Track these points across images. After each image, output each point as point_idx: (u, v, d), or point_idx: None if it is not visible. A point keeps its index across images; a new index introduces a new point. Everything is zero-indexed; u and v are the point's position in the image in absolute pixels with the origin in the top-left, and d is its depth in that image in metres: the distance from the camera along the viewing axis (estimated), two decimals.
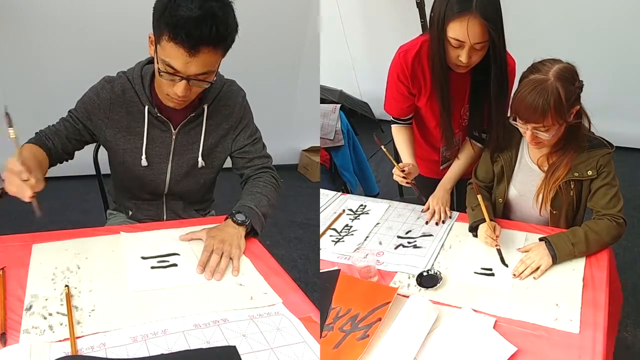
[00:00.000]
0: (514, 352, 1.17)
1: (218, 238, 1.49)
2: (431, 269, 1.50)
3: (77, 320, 1.18)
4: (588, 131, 1.61)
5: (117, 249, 1.50)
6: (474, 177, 1.86)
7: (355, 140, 3.20)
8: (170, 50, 1.38)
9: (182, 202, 1.85)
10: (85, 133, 1.66)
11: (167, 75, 1.44)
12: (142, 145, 1.66)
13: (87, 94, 1.64)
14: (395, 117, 1.93)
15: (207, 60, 1.41)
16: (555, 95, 1.44)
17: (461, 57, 1.56)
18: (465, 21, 1.48)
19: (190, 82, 1.45)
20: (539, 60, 1.52)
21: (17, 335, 1.13)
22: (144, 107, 1.62)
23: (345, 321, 1.29)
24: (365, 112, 4.51)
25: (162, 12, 1.37)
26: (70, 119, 1.65)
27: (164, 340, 1.13)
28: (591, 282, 1.42)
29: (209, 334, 1.16)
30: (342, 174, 3.12)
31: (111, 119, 1.63)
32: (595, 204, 1.61)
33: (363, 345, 1.20)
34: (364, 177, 3.26)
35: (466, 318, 1.28)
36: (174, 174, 1.74)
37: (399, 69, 1.75)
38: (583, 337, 1.22)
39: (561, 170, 1.61)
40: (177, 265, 1.43)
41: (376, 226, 1.79)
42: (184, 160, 1.72)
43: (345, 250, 1.65)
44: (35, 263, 1.40)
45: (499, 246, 1.56)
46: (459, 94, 1.78)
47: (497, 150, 1.76)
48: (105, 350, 1.10)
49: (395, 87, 1.81)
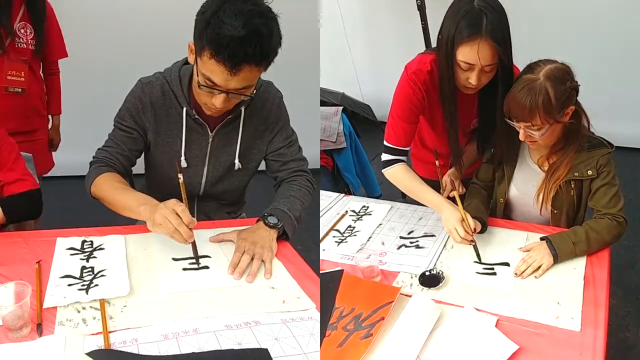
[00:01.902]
0: (515, 350, 1.18)
1: (249, 240, 1.48)
2: (433, 268, 1.51)
3: (109, 315, 1.21)
4: (588, 131, 1.62)
5: (149, 248, 1.51)
6: (475, 177, 1.87)
7: (357, 142, 3.22)
8: (211, 66, 1.37)
9: (215, 204, 1.83)
10: (141, 140, 1.66)
11: (206, 89, 1.43)
12: (181, 147, 1.66)
13: (128, 100, 1.63)
14: (395, 149, 1.77)
15: (248, 76, 1.40)
16: (543, 94, 1.45)
17: (471, 80, 1.56)
18: (475, 45, 1.48)
19: (230, 95, 1.45)
20: (536, 61, 1.53)
21: (52, 326, 1.16)
22: (182, 109, 1.62)
23: (348, 320, 1.30)
24: (367, 115, 4.52)
25: (204, 27, 1.35)
26: (123, 132, 1.63)
27: (195, 339, 1.14)
28: (592, 280, 1.43)
29: (240, 335, 1.16)
30: (345, 176, 3.13)
31: (153, 121, 1.63)
32: (596, 203, 1.62)
33: (366, 344, 1.21)
34: (366, 179, 3.27)
35: (468, 317, 1.29)
36: (209, 176, 1.73)
37: (411, 91, 1.68)
38: (584, 335, 1.23)
39: (561, 170, 1.62)
40: (209, 268, 1.44)
41: (379, 227, 1.81)
42: (220, 162, 1.72)
43: (349, 251, 1.66)
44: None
45: (475, 242, 1.57)
46: (467, 110, 1.77)
47: (503, 160, 1.76)
48: (137, 345, 1.12)
49: (408, 114, 1.72)
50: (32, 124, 2.43)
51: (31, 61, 2.32)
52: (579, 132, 1.59)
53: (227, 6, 1.34)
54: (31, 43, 2.30)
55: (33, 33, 2.29)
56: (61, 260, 1.42)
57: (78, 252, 1.48)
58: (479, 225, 1.63)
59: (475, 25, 1.48)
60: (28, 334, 1.14)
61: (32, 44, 2.30)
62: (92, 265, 1.41)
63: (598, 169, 1.60)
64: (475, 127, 1.86)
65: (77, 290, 1.29)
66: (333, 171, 3.13)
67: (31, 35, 2.29)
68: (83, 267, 1.39)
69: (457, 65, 1.55)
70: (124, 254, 1.47)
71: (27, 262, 1.40)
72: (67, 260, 1.43)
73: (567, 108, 1.52)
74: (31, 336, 1.14)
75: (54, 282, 1.32)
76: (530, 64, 1.54)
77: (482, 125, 1.81)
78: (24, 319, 1.14)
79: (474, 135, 1.89)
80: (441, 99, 1.69)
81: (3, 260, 1.41)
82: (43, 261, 1.40)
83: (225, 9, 1.34)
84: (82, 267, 1.39)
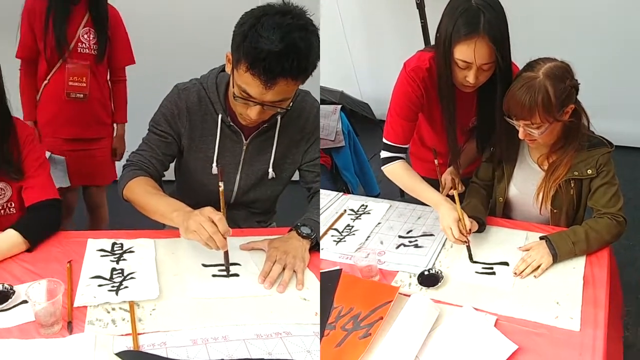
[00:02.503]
0: (515, 350, 1.18)
1: (281, 249, 1.47)
2: (432, 268, 1.50)
3: (138, 317, 1.22)
4: (588, 130, 1.61)
5: (178, 253, 1.51)
6: (475, 177, 1.87)
7: (356, 140, 3.21)
8: (247, 78, 1.36)
9: (245, 213, 1.81)
10: (175, 145, 1.65)
11: (241, 100, 1.42)
12: (214, 154, 1.64)
13: (164, 105, 1.62)
14: (394, 146, 1.77)
15: (284, 90, 1.38)
16: (543, 92, 1.45)
17: (468, 78, 1.55)
18: (472, 43, 1.48)
19: (265, 107, 1.43)
20: (535, 59, 1.53)
21: (82, 325, 1.19)
22: (217, 115, 1.61)
23: (347, 320, 1.29)
24: (366, 113, 4.52)
25: (242, 40, 1.34)
26: (157, 136, 1.62)
27: (225, 346, 1.14)
28: (592, 280, 1.42)
29: (270, 345, 1.15)
30: (343, 174, 3.12)
31: (188, 127, 1.62)
32: (596, 202, 1.62)
33: (365, 343, 1.21)
34: (364, 177, 3.27)
35: (467, 316, 1.29)
36: (242, 184, 1.72)
37: (410, 89, 1.69)
38: (584, 335, 1.23)
39: (561, 169, 1.62)
40: (238, 276, 1.43)
41: (377, 226, 1.80)
42: (253, 170, 1.70)
43: (347, 250, 1.66)
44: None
45: (469, 242, 1.57)
46: (466, 108, 1.77)
47: (502, 160, 1.76)
48: (166, 349, 1.12)
49: (407, 111, 1.72)
50: (92, 132, 2.42)
51: (94, 67, 2.32)
52: (578, 131, 1.59)
53: (266, 19, 1.32)
54: (93, 48, 2.30)
55: (96, 38, 2.29)
56: (92, 261, 1.44)
57: (108, 253, 1.49)
58: (475, 225, 1.62)
59: (472, 23, 1.47)
60: (59, 331, 1.17)
61: (95, 49, 2.31)
62: (122, 267, 1.42)
63: (598, 168, 1.59)
64: (474, 126, 1.85)
65: (107, 291, 1.30)
66: (332, 170, 3.12)
67: (94, 41, 2.30)
68: (113, 269, 1.41)
69: (455, 63, 1.55)
70: (154, 258, 1.47)
71: (58, 262, 1.43)
72: (98, 261, 1.44)
73: (567, 107, 1.51)
74: (62, 333, 1.16)
75: (85, 282, 1.34)
76: (530, 62, 1.53)
77: (481, 124, 1.80)
78: (56, 316, 1.16)
79: (473, 133, 1.89)
80: (439, 97, 1.69)
81: (36, 259, 1.44)
82: (74, 261, 1.42)
83: (264, 22, 1.32)
84: (112, 269, 1.41)
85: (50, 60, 2.27)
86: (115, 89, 2.49)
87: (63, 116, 2.33)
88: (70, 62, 2.27)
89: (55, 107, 2.32)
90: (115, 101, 2.50)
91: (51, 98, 2.32)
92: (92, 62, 2.31)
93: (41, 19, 2.21)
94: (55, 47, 2.22)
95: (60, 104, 2.31)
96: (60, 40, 2.21)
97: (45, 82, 2.31)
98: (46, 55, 2.25)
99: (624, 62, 3.55)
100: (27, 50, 2.28)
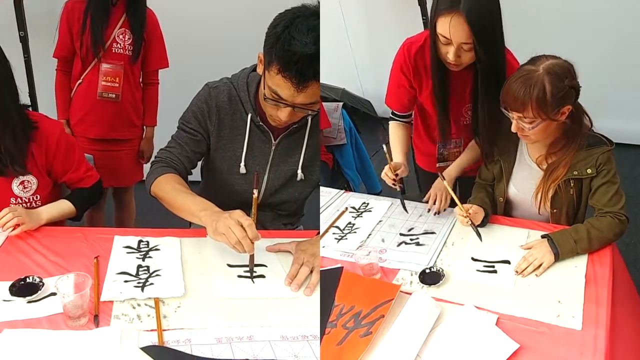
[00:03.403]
0: (516, 349, 1.18)
1: (309, 252, 1.47)
2: (433, 266, 1.50)
3: (163, 314, 1.24)
4: (588, 129, 1.60)
5: (204, 252, 1.51)
6: (478, 177, 1.86)
7: (358, 138, 3.20)
8: (279, 81, 1.36)
9: (272, 214, 1.81)
10: (204, 143, 1.65)
11: (272, 102, 1.42)
12: (242, 153, 1.64)
13: (194, 103, 1.63)
14: (395, 113, 1.93)
15: (316, 92, 1.38)
16: (539, 87, 1.44)
17: (449, 55, 1.57)
18: (449, 18, 1.49)
19: (295, 109, 1.43)
20: (540, 55, 1.52)
21: (108, 319, 1.21)
22: (247, 115, 1.60)
23: (348, 318, 1.29)
24: (368, 110, 4.51)
25: (274, 42, 1.33)
26: (187, 134, 1.63)
27: (250, 346, 1.14)
28: (593, 279, 1.42)
29: (297, 347, 1.15)
30: (345, 172, 3.12)
31: (217, 125, 1.62)
32: (597, 202, 1.61)
33: (366, 342, 1.21)
34: (366, 175, 3.26)
35: (468, 315, 1.29)
36: (269, 185, 1.71)
37: (402, 60, 1.76)
38: (585, 334, 1.23)
39: (560, 170, 1.60)
40: (264, 277, 1.43)
41: (379, 224, 1.80)
42: (282, 171, 1.70)
43: (348, 248, 1.66)
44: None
45: (473, 222, 1.60)
46: (460, 92, 1.78)
47: (490, 152, 1.76)
48: (191, 346, 1.13)
49: (398, 80, 1.81)
50: (122, 133, 2.43)
51: (127, 68, 2.33)
52: (579, 131, 1.58)
53: (299, 21, 1.32)
54: (128, 49, 2.31)
55: (131, 39, 2.30)
56: (118, 257, 1.45)
57: (135, 250, 1.50)
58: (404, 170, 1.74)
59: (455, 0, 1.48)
60: (85, 323, 1.19)
61: (130, 49, 2.31)
62: (148, 264, 1.43)
63: (598, 167, 1.58)
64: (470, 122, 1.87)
65: (133, 287, 1.32)
66: (333, 167, 3.12)
67: (129, 42, 2.30)
68: (139, 266, 1.42)
69: (437, 38, 1.57)
70: (179, 256, 1.48)
71: (86, 257, 1.45)
72: (124, 257, 1.46)
73: (563, 107, 1.49)
74: (88, 326, 1.19)
75: (111, 278, 1.36)
76: (534, 57, 1.52)
77: (475, 113, 1.81)
78: (83, 309, 1.19)
79: (471, 131, 1.89)
80: (431, 71, 1.71)
81: (64, 253, 1.47)
82: (101, 257, 1.45)
83: (297, 24, 1.32)
84: (138, 266, 1.42)
85: (85, 60, 2.29)
86: (147, 92, 2.50)
87: (94, 116, 2.35)
88: (105, 62, 2.28)
89: (87, 106, 2.34)
90: (146, 104, 2.50)
91: (84, 97, 2.34)
92: (127, 63, 2.32)
93: (80, 19, 2.23)
94: (91, 46, 2.24)
95: (93, 104, 2.33)
96: (97, 39, 2.23)
97: (79, 81, 2.33)
98: (81, 55, 2.27)
99: (625, 58, 3.54)
100: (64, 50, 2.30)
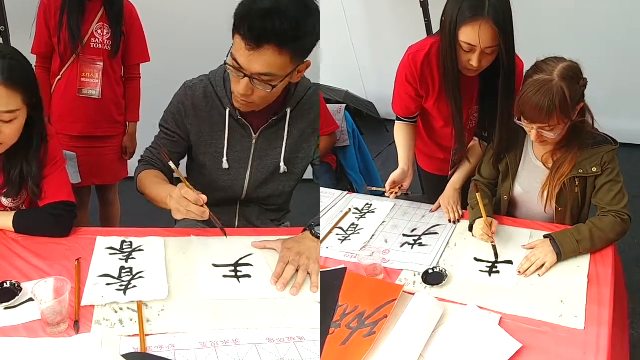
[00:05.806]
0: (519, 349, 1.18)
1: (295, 250, 1.45)
2: (436, 266, 1.51)
3: (146, 318, 1.20)
4: (592, 128, 1.61)
5: (188, 252, 1.48)
6: (478, 174, 1.86)
7: (361, 139, 3.20)
8: (236, 42, 1.35)
9: (258, 209, 1.80)
10: (182, 143, 1.66)
11: (232, 70, 1.41)
12: (223, 148, 1.64)
13: (172, 103, 1.64)
14: (401, 116, 1.94)
15: (271, 60, 1.35)
16: (560, 95, 1.45)
17: (472, 61, 1.58)
18: (477, 26, 1.51)
19: (253, 82, 1.40)
20: (543, 60, 1.52)
21: (89, 324, 1.17)
22: (225, 109, 1.60)
23: (352, 318, 1.30)
24: (371, 112, 4.51)
25: (239, 5, 1.34)
26: (165, 135, 1.64)
27: (235, 350, 1.11)
28: (596, 278, 1.42)
29: (283, 350, 1.12)
30: (348, 173, 3.12)
31: (194, 123, 1.62)
32: (600, 200, 1.61)
33: (370, 342, 1.21)
34: (369, 176, 3.26)
35: (471, 315, 1.29)
36: (252, 179, 1.71)
37: (408, 70, 1.75)
38: (588, 334, 1.23)
39: (565, 167, 1.62)
40: (250, 277, 1.40)
41: (382, 225, 1.80)
42: (264, 165, 1.69)
43: (352, 249, 1.66)
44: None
45: (494, 242, 1.57)
46: (468, 96, 1.78)
47: (502, 152, 1.76)
48: (174, 351, 1.10)
49: (403, 88, 1.81)
50: (104, 130, 2.39)
51: (107, 63, 2.30)
52: (583, 128, 1.59)
53: None
54: (107, 44, 2.28)
55: (110, 34, 2.27)
56: (100, 259, 1.42)
57: (117, 252, 1.47)
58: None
59: (477, 6, 1.50)
60: (65, 330, 1.15)
61: (108, 44, 2.28)
62: (131, 266, 1.40)
63: (602, 166, 1.59)
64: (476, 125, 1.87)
65: (115, 290, 1.28)
66: (337, 169, 3.12)
67: (108, 36, 2.27)
68: (122, 268, 1.39)
69: (459, 46, 1.58)
70: (163, 257, 1.45)
71: (67, 259, 1.42)
72: (106, 259, 1.43)
73: (578, 105, 1.52)
74: (68, 332, 1.15)
75: (93, 281, 1.32)
76: (538, 63, 1.53)
77: (482, 113, 1.83)
78: (62, 315, 1.15)
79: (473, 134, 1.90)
80: (445, 82, 1.71)
81: (44, 256, 1.43)
82: (82, 259, 1.41)
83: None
84: (120, 267, 1.39)
85: (63, 56, 2.25)
86: (129, 87, 2.45)
87: (75, 113, 2.31)
88: (83, 58, 2.25)
89: (67, 103, 2.30)
90: (128, 99, 2.46)
91: (63, 94, 2.30)
92: (106, 58, 2.29)
93: (56, 15, 2.20)
94: (69, 42, 2.21)
95: (72, 101, 2.29)
96: (74, 35, 2.19)
97: (58, 77, 2.29)
98: (59, 51, 2.24)
99: (628, 58, 3.54)
100: (42, 46, 2.26)
